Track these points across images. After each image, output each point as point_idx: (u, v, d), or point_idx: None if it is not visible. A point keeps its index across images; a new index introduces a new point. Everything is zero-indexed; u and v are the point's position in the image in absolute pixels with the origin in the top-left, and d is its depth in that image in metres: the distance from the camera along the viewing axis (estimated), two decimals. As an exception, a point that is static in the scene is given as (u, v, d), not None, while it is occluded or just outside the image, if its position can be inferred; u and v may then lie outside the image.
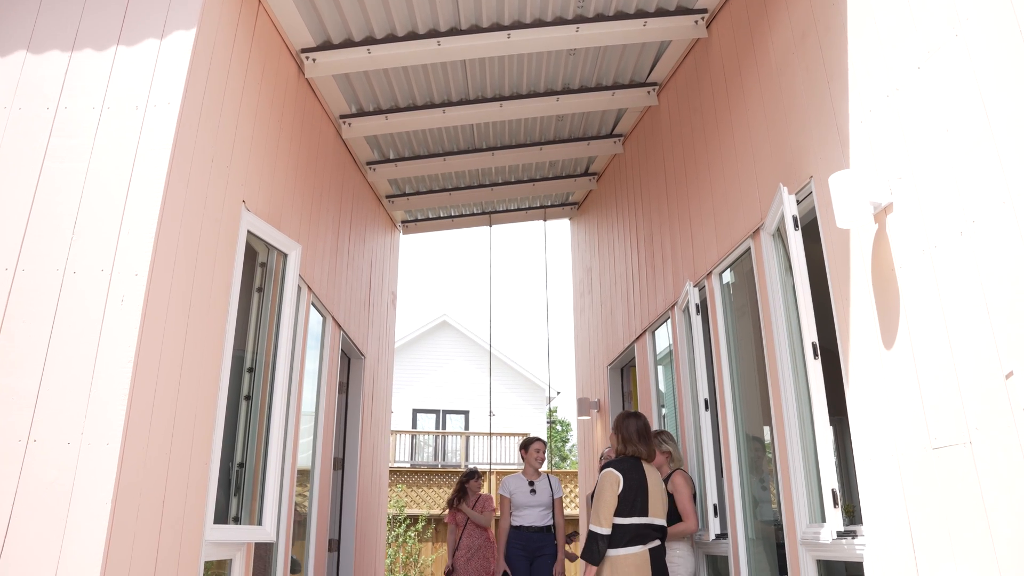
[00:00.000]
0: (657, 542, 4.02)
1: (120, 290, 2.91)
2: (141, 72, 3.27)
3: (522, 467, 6.00)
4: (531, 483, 5.73)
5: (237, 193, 3.86)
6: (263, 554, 4.37)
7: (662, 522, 4.09)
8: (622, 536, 3.94)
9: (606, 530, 3.93)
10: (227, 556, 3.77)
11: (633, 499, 3.98)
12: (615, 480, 4.00)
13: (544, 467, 21.06)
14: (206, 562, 3.49)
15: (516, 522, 5.63)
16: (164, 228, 3.08)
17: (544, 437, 22.80)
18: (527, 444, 5.95)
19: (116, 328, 2.86)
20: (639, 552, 3.92)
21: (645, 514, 4.00)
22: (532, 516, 5.65)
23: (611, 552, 3.93)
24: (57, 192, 3.04)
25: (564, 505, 16.51)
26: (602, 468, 4.13)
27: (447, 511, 6.83)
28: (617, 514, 3.96)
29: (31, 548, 2.61)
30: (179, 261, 3.21)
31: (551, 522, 5.72)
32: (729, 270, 4.74)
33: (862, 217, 2.97)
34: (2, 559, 2.59)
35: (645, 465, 4.15)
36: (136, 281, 2.92)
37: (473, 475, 7.05)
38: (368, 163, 7.10)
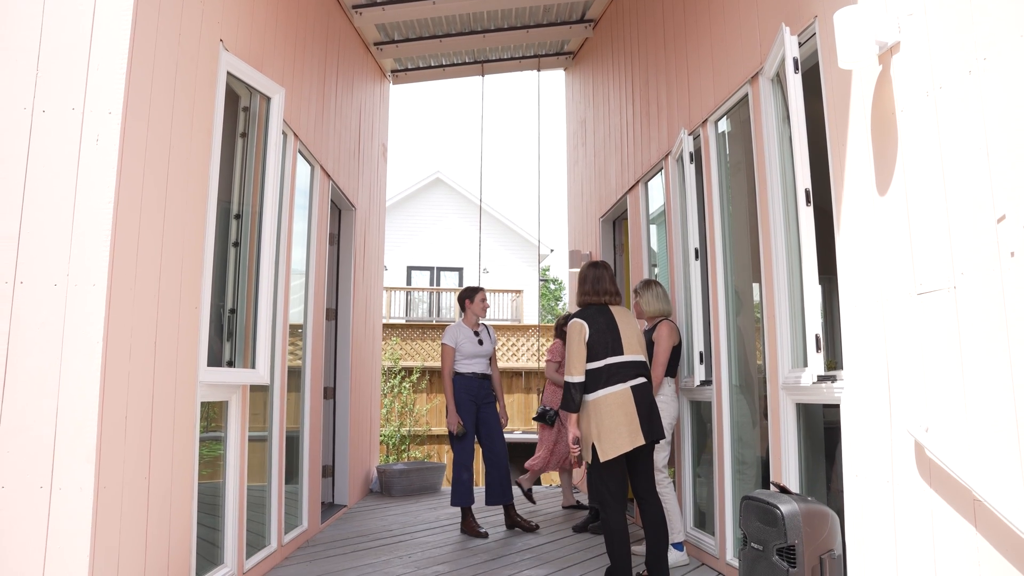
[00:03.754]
0: (642, 379, 4.02)
1: (94, 129, 2.81)
2: None
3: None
4: (476, 333, 5.78)
5: (214, 32, 3.67)
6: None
7: (642, 358, 4.09)
8: (598, 378, 3.95)
9: (579, 378, 3.95)
10: (223, 398, 3.87)
11: (604, 342, 3.99)
12: (580, 328, 4.01)
13: (536, 322, 21.49)
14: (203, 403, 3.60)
15: (463, 370, 5.69)
16: (136, 64, 2.93)
17: (536, 294, 23.13)
18: (471, 293, 5.83)
19: (93, 168, 2.78)
20: (620, 390, 3.94)
21: (620, 353, 4.01)
22: (480, 365, 5.73)
23: (590, 396, 3.95)
24: (12, 23, 2.85)
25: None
26: (567, 322, 4.15)
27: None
28: (590, 359, 3.98)
29: (31, 385, 2.66)
30: (155, 100, 3.09)
31: (489, 371, 5.84)
32: (725, 119, 4.61)
33: (866, 57, 2.84)
34: (6, 396, 2.65)
35: (612, 308, 4.15)
36: (110, 120, 2.82)
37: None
38: (354, 7, 6.76)
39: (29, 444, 2.62)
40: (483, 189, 10.72)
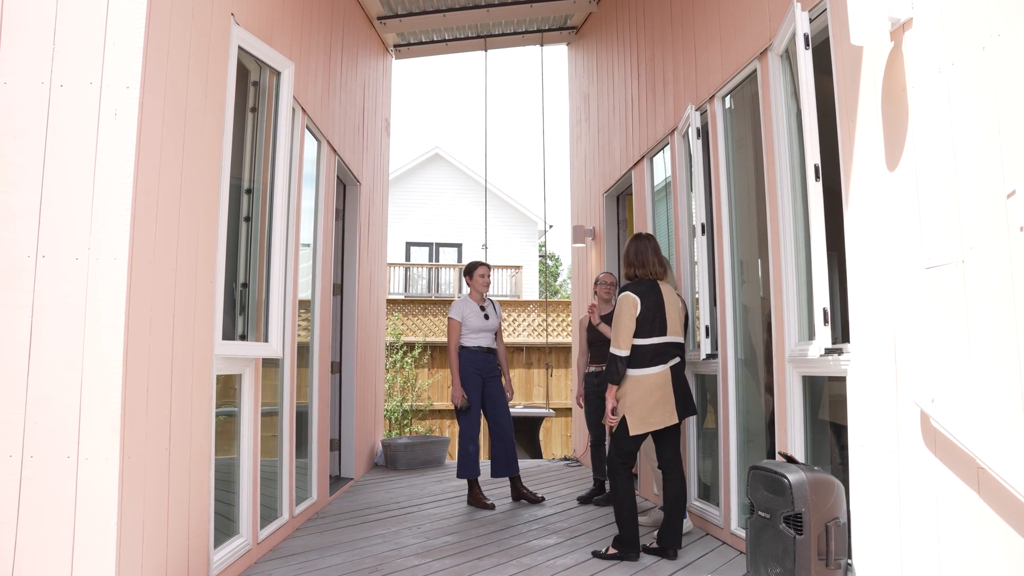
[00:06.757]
0: (677, 359, 4.16)
1: (112, 103, 2.83)
2: None
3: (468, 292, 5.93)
4: (482, 307, 5.82)
5: (225, 5, 3.67)
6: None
7: (681, 339, 4.22)
8: (643, 356, 4.07)
9: (625, 352, 4.06)
10: (237, 371, 3.93)
11: (652, 320, 4.09)
12: (633, 303, 4.10)
13: (535, 297, 21.55)
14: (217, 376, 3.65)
15: (469, 343, 5.75)
16: (152, 39, 2.94)
17: (536, 270, 23.17)
18: (471, 269, 5.86)
19: (112, 142, 2.80)
20: (661, 371, 4.08)
21: (664, 333, 4.12)
22: (485, 339, 5.79)
23: (633, 372, 4.08)
24: (29, -1, 2.86)
25: (557, 333, 17.08)
26: (620, 292, 4.21)
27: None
28: (637, 335, 4.08)
29: (55, 357, 2.71)
30: (170, 75, 3.10)
31: (495, 345, 5.89)
32: (730, 97, 4.63)
33: (878, 33, 2.86)
34: (31, 368, 2.69)
35: (661, 285, 4.22)
36: (128, 94, 2.84)
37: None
38: (357, -21, 6.72)
39: (55, 415, 2.68)
40: (487, 164, 10.71)
